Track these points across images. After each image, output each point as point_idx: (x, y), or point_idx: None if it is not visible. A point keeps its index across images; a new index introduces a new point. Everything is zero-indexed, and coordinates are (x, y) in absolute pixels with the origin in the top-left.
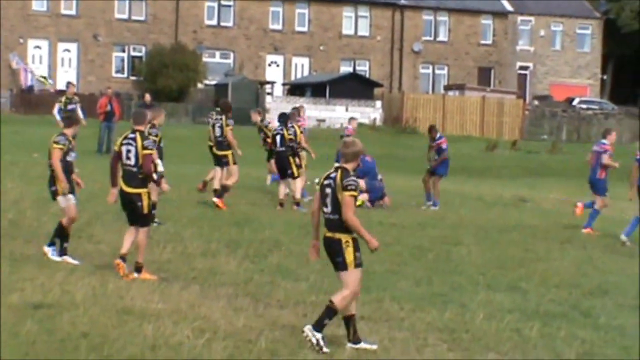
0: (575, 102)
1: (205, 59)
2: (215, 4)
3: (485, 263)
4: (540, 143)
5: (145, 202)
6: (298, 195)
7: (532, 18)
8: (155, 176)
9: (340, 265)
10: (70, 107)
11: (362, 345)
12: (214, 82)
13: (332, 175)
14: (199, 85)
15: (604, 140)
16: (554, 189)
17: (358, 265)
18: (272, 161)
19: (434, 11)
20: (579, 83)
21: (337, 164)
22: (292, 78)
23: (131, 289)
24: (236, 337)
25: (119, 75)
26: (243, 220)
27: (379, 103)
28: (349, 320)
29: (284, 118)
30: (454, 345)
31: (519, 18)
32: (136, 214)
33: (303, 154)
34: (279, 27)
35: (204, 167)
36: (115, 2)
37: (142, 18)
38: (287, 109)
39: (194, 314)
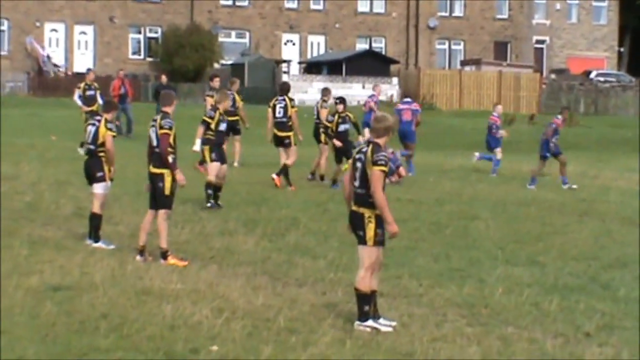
0: (592, 75)
1: (221, 38)
2: None
3: (503, 237)
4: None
5: (167, 184)
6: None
7: None
8: (170, 159)
9: (360, 239)
10: (89, 93)
11: (370, 323)
12: (230, 62)
13: (364, 149)
14: (215, 65)
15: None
16: (572, 162)
17: (378, 242)
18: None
19: None
20: (595, 56)
21: (368, 139)
22: (308, 56)
23: (150, 269)
24: (255, 316)
25: (136, 56)
26: (260, 199)
27: (395, 80)
28: (364, 296)
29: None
30: (473, 321)
31: None
32: (157, 195)
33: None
34: (294, 5)
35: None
36: None
37: None
38: (304, 87)
39: (213, 294)
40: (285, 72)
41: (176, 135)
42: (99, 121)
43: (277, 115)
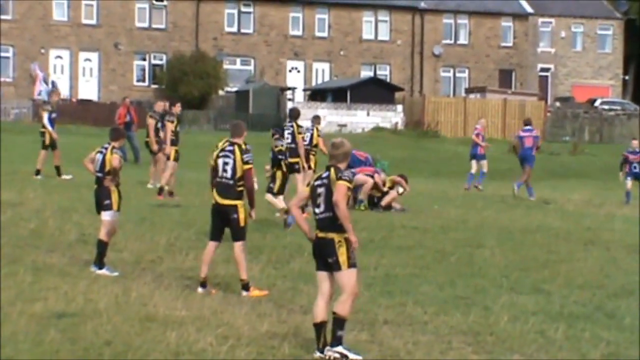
0: (597, 103)
1: (226, 65)
2: (235, 11)
3: (508, 265)
4: (563, 144)
5: (241, 215)
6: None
7: (552, 19)
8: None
9: (334, 266)
10: (53, 115)
11: (340, 349)
12: (235, 89)
13: (324, 175)
14: (220, 92)
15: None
16: (577, 191)
17: (352, 265)
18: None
19: (454, 14)
20: (600, 84)
21: (328, 164)
22: (313, 83)
23: (154, 296)
24: (259, 343)
25: (140, 83)
26: (265, 226)
27: (400, 107)
28: (342, 321)
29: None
30: (478, 348)
31: (540, 20)
32: (232, 227)
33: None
34: (299, 32)
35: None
36: (135, 10)
37: (163, 26)
38: (308, 114)
39: (217, 321)
40: (289, 99)
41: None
42: (106, 149)
43: (287, 141)
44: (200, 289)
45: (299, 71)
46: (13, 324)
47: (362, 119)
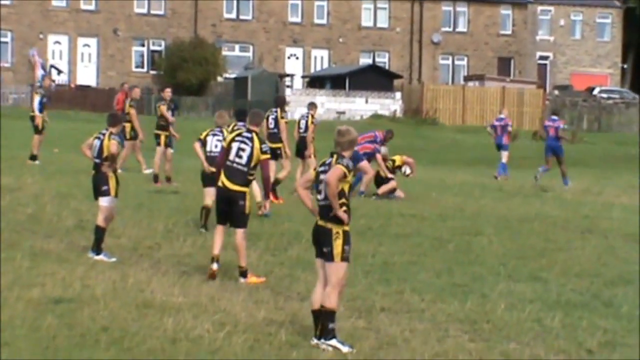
0: (595, 92)
1: (224, 52)
2: None
3: (505, 253)
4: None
5: (248, 202)
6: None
7: (551, 7)
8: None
9: (327, 255)
10: (44, 100)
11: (333, 343)
12: (233, 76)
13: (327, 161)
14: (219, 79)
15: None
16: (575, 179)
17: (345, 259)
18: None
19: (453, 2)
20: (599, 72)
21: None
22: (312, 70)
23: (151, 282)
24: (256, 330)
25: (139, 69)
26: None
27: (398, 94)
28: (331, 314)
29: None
30: (475, 336)
31: (539, 8)
32: (236, 213)
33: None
34: (298, 19)
35: None
36: None
37: (162, 12)
38: (307, 101)
39: (214, 307)
40: (288, 86)
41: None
42: (104, 135)
43: (270, 126)
44: (214, 265)
45: (297, 58)
46: (10, 309)
47: (361, 106)
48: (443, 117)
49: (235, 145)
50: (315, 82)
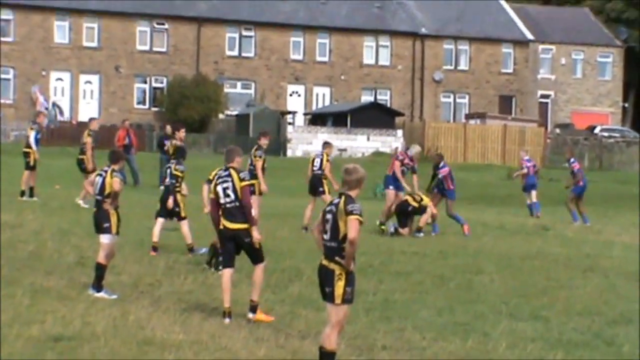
0: (597, 130)
1: (226, 89)
2: (236, 35)
3: (507, 292)
4: (562, 171)
5: (255, 237)
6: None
7: (553, 46)
8: (253, 212)
9: (328, 296)
10: (39, 136)
11: None
12: (235, 113)
13: (335, 201)
14: (221, 116)
15: None
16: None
17: (346, 300)
18: None
19: (455, 40)
20: (600, 111)
21: (339, 190)
22: (314, 108)
23: (152, 319)
24: None
25: (141, 106)
26: (264, 250)
27: (400, 132)
28: (330, 355)
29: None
30: None
31: (540, 46)
32: (247, 251)
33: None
34: (300, 57)
35: None
36: (136, 33)
37: (164, 49)
38: (308, 138)
39: (215, 345)
40: (290, 123)
41: None
42: (106, 172)
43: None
44: (226, 320)
45: (299, 95)
46: (10, 347)
47: (363, 143)
48: (444, 155)
49: (219, 188)
50: (317, 119)
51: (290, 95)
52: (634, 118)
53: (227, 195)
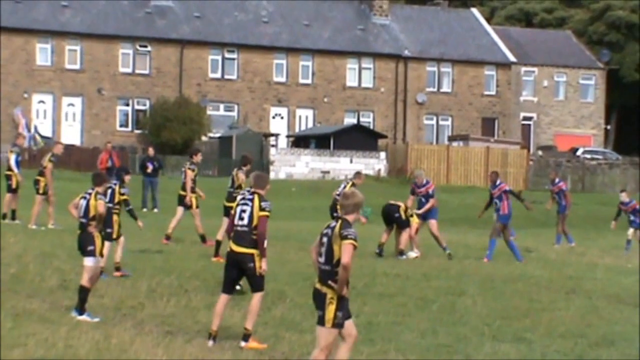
0: (579, 152)
1: (209, 111)
2: (219, 57)
3: (490, 314)
4: (545, 193)
5: (257, 264)
6: None
7: (535, 69)
8: (265, 243)
9: (319, 319)
10: (20, 158)
11: None
12: (218, 135)
13: (332, 225)
14: (204, 138)
15: None
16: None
17: (336, 325)
18: None
19: (438, 62)
20: (582, 133)
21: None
22: (296, 130)
23: (135, 342)
24: None
25: (123, 128)
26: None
27: (383, 154)
28: None
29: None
30: None
31: (522, 69)
32: (248, 277)
33: None
34: (282, 79)
35: (206, 219)
36: (119, 56)
37: (146, 72)
38: (291, 161)
39: None
40: (273, 146)
41: None
42: (90, 195)
43: (228, 185)
44: (210, 342)
45: (282, 117)
46: None
47: (345, 165)
48: (427, 177)
49: (238, 209)
50: (299, 141)
51: (273, 117)
52: (616, 140)
53: (242, 219)
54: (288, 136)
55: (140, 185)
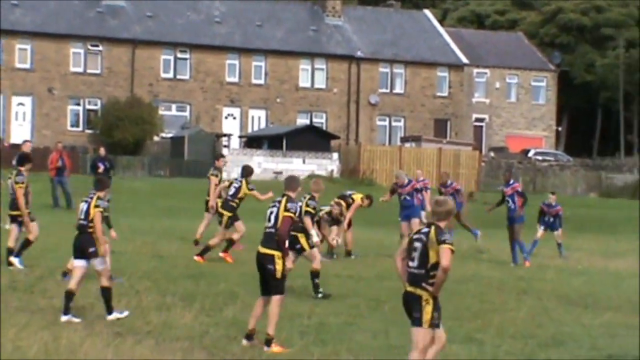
0: (530, 154)
1: (161, 111)
2: (172, 57)
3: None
4: (497, 194)
5: (278, 266)
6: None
7: (487, 70)
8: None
9: (416, 321)
10: None
11: None
12: (170, 135)
13: (424, 230)
14: (155, 138)
15: None
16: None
17: (433, 325)
18: None
19: (390, 63)
20: (534, 134)
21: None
22: (249, 130)
23: (84, 343)
24: None
25: (75, 128)
26: (198, 274)
27: (335, 155)
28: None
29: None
30: None
31: (475, 70)
32: (267, 278)
33: None
34: (235, 79)
35: (157, 220)
36: (70, 55)
37: (98, 71)
38: (244, 161)
39: None
40: (225, 146)
41: None
42: (92, 198)
43: (229, 193)
44: (245, 342)
45: (235, 118)
46: None
47: (298, 166)
48: (380, 178)
49: (268, 211)
50: (252, 142)
51: (226, 117)
52: (567, 142)
53: (269, 220)
54: (240, 137)
55: (92, 185)
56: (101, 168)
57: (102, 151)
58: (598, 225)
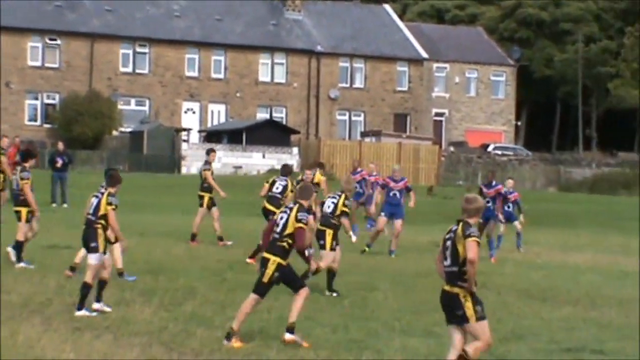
0: (490, 148)
1: (120, 106)
2: (130, 51)
3: (400, 308)
4: (456, 189)
5: (269, 270)
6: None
7: (447, 65)
8: (307, 252)
9: (461, 319)
10: None
11: None
12: (129, 130)
13: (454, 228)
14: (114, 133)
15: None
16: None
17: (480, 318)
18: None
19: (350, 58)
20: (493, 129)
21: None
22: (209, 125)
23: (42, 339)
24: None
25: (33, 123)
26: (157, 269)
27: (295, 149)
28: None
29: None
30: None
31: (434, 65)
32: (284, 282)
33: None
34: (194, 74)
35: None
36: (28, 49)
37: (56, 65)
38: (203, 156)
39: None
40: (184, 141)
41: None
42: (102, 194)
43: (275, 190)
44: (225, 342)
45: (194, 112)
46: None
47: (258, 161)
48: (340, 172)
49: (279, 217)
50: (212, 136)
51: (185, 112)
52: (526, 136)
53: (278, 225)
54: (200, 131)
55: (50, 180)
56: (59, 163)
57: (60, 146)
58: (557, 220)
